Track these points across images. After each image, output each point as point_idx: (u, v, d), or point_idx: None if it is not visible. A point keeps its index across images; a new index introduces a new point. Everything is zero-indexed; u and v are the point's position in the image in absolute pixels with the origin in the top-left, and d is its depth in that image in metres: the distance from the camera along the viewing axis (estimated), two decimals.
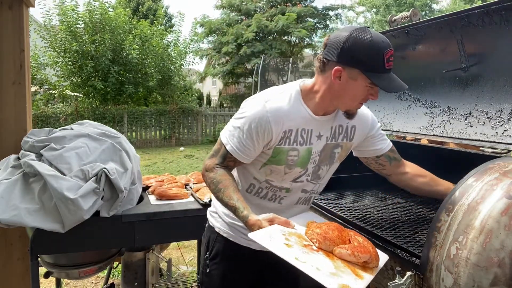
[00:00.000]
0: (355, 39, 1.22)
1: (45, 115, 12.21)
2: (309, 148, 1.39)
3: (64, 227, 1.90)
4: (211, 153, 1.44)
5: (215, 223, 1.56)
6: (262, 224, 1.24)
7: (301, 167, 1.41)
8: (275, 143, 1.35)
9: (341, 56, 1.24)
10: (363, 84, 1.26)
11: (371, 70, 1.23)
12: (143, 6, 22.56)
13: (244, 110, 1.37)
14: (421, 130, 2.09)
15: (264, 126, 1.31)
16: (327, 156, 1.46)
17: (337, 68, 1.25)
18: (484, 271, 1.05)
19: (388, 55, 1.24)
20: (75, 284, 3.27)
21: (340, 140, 1.46)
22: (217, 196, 1.38)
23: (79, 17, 12.59)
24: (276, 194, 1.47)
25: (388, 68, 1.25)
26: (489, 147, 1.65)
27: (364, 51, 1.22)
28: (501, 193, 1.10)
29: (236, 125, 1.37)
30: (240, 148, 1.36)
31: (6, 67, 2.39)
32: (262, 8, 19.38)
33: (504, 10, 1.55)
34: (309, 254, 1.16)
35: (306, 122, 1.37)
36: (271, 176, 1.43)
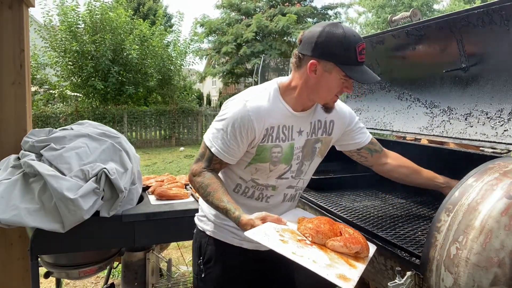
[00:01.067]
0: (328, 33, 1.28)
1: (45, 115, 12.22)
2: (291, 144, 1.43)
3: (64, 227, 1.90)
4: (197, 158, 1.46)
5: (205, 226, 1.56)
6: (255, 223, 1.27)
7: (286, 164, 1.44)
8: (258, 141, 1.38)
9: (315, 50, 1.29)
10: (338, 77, 1.31)
11: (345, 62, 1.28)
12: (144, 6, 22.58)
13: (225, 111, 1.39)
14: (421, 130, 2.09)
15: (247, 125, 1.34)
16: (309, 152, 1.49)
17: (312, 61, 1.30)
18: (484, 271, 1.05)
19: (360, 49, 1.29)
20: (75, 284, 3.27)
21: (320, 135, 1.50)
22: (207, 200, 1.39)
23: (80, 17, 12.59)
24: (263, 193, 1.49)
25: (360, 61, 1.30)
26: (489, 147, 1.65)
27: (337, 45, 1.27)
28: (501, 193, 1.10)
29: (218, 127, 1.39)
30: (225, 149, 1.38)
31: (6, 67, 2.39)
32: (262, 8, 19.39)
33: (504, 10, 1.55)
34: (304, 248, 1.20)
35: (286, 118, 1.40)
36: (256, 174, 1.45)
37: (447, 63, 1.93)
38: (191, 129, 14.56)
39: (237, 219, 1.31)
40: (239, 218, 1.31)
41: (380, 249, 1.44)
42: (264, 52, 17.20)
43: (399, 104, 2.34)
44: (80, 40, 12.24)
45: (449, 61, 1.92)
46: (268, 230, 1.23)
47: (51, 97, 13.56)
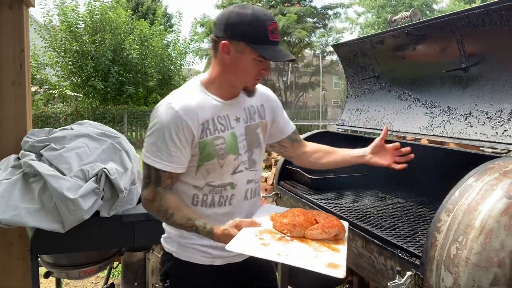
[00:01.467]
0: (238, 13, 1.28)
1: (45, 115, 12.22)
2: (232, 133, 1.39)
3: (64, 227, 1.90)
4: (144, 183, 1.36)
5: (171, 248, 1.46)
6: (231, 232, 1.25)
7: (234, 153, 1.39)
8: (198, 139, 1.33)
9: (226, 30, 1.28)
10: (251, 57, 1.29)
11: (256, 41, 1.27)
12: (143, 6, 22.57)
13: (154, 122, 1.32)
14: (421, 130, 2.09)
15: (181, 126, 1.29)
16: (254, 139, 1.46)
17: (223, 42, 1.28)
18: (484, 271, 1.05)
19: (271, 28, 1.28)
20: (75, 284, 3.27)
21: (257, 120, 1.48)
22: (171, 223, 1.34)
23: (79, 17, 12.60)
24: (223, 195, 1.41)
25: (272, 40, 1.29)
26: (489, 147, 1.65)
27: (246, 23, 1.26)
28: (501, 193, 1.10)
29: (153, 140, 1.31)
30: (170, 159, 1.31)
31: (6, 67, 2.39)
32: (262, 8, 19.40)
33: (504, 10, 1.55)
34: (286, 245, 1.21)
35: (219, 109, 1.37)
36: (209, 177, 1.38)
37: (447, 63, 1.93)
38: None
39: (210, 233, 1.28)
40: (212, 232, 1.28)
41: (380, 249, 1.44)
42: None
43: (399, 104, 2.34)
44: (80, 40, 12.24)
45: (449, 61, 1.92)
46: (247, 237, 1.22)
47: (51, 97, 13.57)
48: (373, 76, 2.56)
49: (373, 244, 1.48)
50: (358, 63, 2.67)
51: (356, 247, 1.61)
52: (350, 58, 2.74)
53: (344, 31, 24.03)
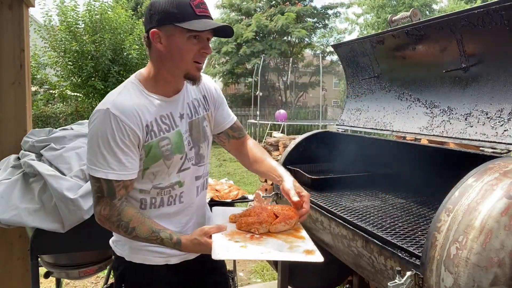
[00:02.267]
0: (156, 0, 1.24)
1: (45, 115, 12.23)
2: (178, 131, 1.35)
3: (64, 227, 1.90)
4: (96, 197, 1.27)
5: (123, 251, 1.41)
6: (201, 240, 1.24)
7: (179, 153, 1.35)
8: (143, 142, 1.27)
9: (151, 19, 1.25)
10: (184, 38, 1.24)
11: (183, 19, 1.22)
12: (142, 6, 22.58)
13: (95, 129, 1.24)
14: (421, 130, 2.09)
15: (124, 130, 1.22)
16: (199, 133, 1.42)
17: (152, 31, 1.24)
18: (484, 271, 1.05)
19: (196, 2, 1.23)
20: (75, 284, 3.27)
21: (202, 113, 1.45)
22: (134, 237, 1.27)
23: (79, 17, 12.60)
24: (171, 195, 1.38)
25: (200, 14, 1.24)
26: (489, 147, 1.65)
27: (168, 4, 1.22)
28: (501, 193, 1.10)
29: (98, 150, 1.23)
30: (121, 167, 1.23)
31: (6, 67, 2.39)
32: (262, 7, 19.41)
33: (504, 10, 1.55)
34: (260, 243, 1.26)
35: (161, 108, 1.32)
36: (156, 179, 1.34)
37: (447, 63, 1.93)
38: None
39: (178, 244, 1.25)
40: (179, 242, 1.25)
41: (380, 249, 1.44)
42: (264, 52, 17.22)
43: (399, 104, 2.34)
44: (80, 40, 12.24)
45: (449, 61, 1.92)
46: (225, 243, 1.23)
47: (51, 97, 13.56)
48: (373, 76, 2.56)
49: (373, 244, 1.48)
50: (358, 63, 2.67)
51: (356, 247, 1.61)
52: (350, 58, 2.74)
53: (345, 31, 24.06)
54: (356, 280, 2.73)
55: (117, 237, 1.44)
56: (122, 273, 1.42)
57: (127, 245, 1.40)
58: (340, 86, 26.52)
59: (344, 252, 1.73)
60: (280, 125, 13.86)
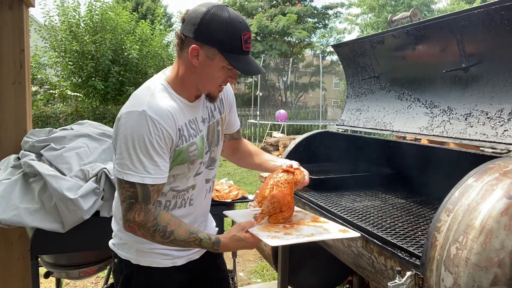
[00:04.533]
0: (213, 16, 1.19)
1: (45, 115, 12.21)
2: (202, 136, 1.36)
3: (64, 227, 1.90)
4: (128, 202, 1.21)
5: (128, 254, 1.39)
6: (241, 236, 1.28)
7: (201, 158, 1.37)
8: (175, 146, 1.26)
9: (198, 33, 1.20)
10: (221, 65, 1.24)
11: (229, 50, 1.21)
12: (142, 6, 22.56)
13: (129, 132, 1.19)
14: (421, 130, 2.09)
15: (163, 135, 1.21)
16: (214, 137, 1.43)
17: (194, 46, 1.21)
18: (484, 271, 1.05)
19: (245, 37, 1.22)
20: (75, 284, 3.27)
21: (217, 116, 1.45)
22: (171, 241, 1.25)
23: (80, 17, 12.59)
24: (184, 198, 1.38)
25: (245, 50, 1.24)
26: (489, 147, 1.65)
27: (222, 30, 1.19)
28: (501, 193, 1.10)
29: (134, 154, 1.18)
30: (157, 172, 1.21)
31: (6, 67, 2.39)
32: (263, 7, 19.41)
33: (504, 10, 1.55)
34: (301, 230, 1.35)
35: (188, 112, 1.32)
36: (175, 182, 1.34)
37: (447, 63, 1.93)
38: None
39: (217, 243, 1.27)
40: (218, 242, 1.27)
41: (380, 249, 1.44)
42: (265, 52, 17.22)
43: (399, 104, 2.34)
44: (80, 40, 12.23)
45: (449, 61, 1.92)
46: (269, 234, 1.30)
47: (51, 97, 13.56)
48: (373, 76, 2.56)
49: (373, 244, 1.48)
50: (358, 63, 2.67)
51: (356, 247, 1.61)
52: (350, 58, 2.74)
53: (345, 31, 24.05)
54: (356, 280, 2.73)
55: (121, 240, 1.41)
56: (128, 276, 1.39)
57: (134, 248, 1.37)
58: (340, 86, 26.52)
59: (344, 252, 1.73)
60: (280, 125, 13.85)
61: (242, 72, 1.24)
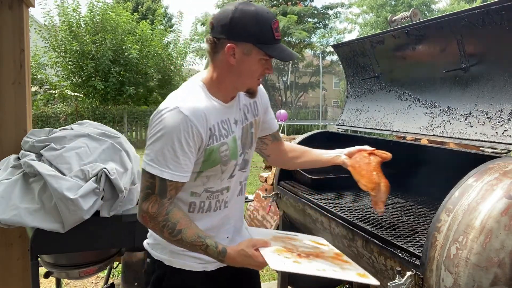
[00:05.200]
0: (242, 12, 1.22)
1: (45, 115, 12.23)
2: (234, 137, 1.36)
3: (64, 227, 1.90)
4: (144, 194, 1.24)
5: (161, 255, 1.39)
6: (249, 252, 1.23)
7: (234, 159, 1.37)
8: (205, 145, 1.27)
9: (231, 31, 1.23)
10: (257, 58, 1.26)
11: (263, 42, 1.24)
12: (143, 6, 22.57)
13: (160, 126, 1.22)
14: (421, 130, 2.09)
15: (191, 132, 1.22)
16: (248, 139, 1.44)
17: (229, 45, 1.23)
18: (484, 271, 1.05)
19: (275, 26, 1.25)
20: (75, 284, 3.27)
21: (250, 119, 1.45)
22: (177, 240, 1.25)
23: (81, 17, 12.60)
24: (219, 199, 1.38)
25: (277, 39, 1.26)
26: (489, 147, 1.65)
27: (252, 23, 1.22)
28: (501, 193, 1.10)
29: (159, 148, 1.21)
30: (177, 169, 1.22)
31: (6, 67, 2.39)
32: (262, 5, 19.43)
33: (504, 10, 1.55)
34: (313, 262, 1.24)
35: (221, 113, 1.33)
36: (208, 183, 1.34)
37: (447, 63, 1.93)
38: None
39: (223, 253, 1.23)
40: (225, 252, 1.23)
41: (380, 249, 1.44)
42: None
43: (399, 104, 2.34)
44: (80, 40, 12.24)
45: (449, 61, 1.92)
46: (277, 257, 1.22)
47: (51, 97, 13.57)
48: (373, 76, 2.56)
49: (373, 244, 1.48)
50: (358, 63, 2.67)
51: (356, 247, 1.61)
52: (350, 58, 2.74)
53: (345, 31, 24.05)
54: None
55: (155, 240, 1.41)
56: (160, 277, 1.39)
57: (167, 249, 1.38)
58: (340, 86, 26.52)
59: (344, 252, 1.73)
60: (280, 125, 13.86)
61: (280, 59, 1.26)
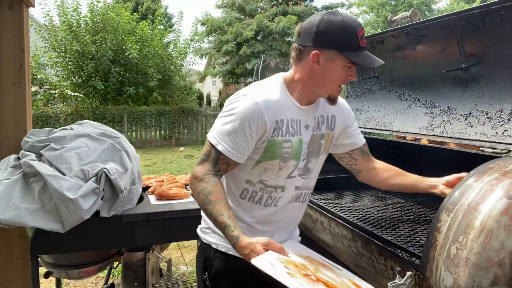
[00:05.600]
0: (328, 21, 1.27)
1: (45, 115, 12.22)
2: (300, 139, 1.38)
3: (64, 227, 1.90)
4: (201, 158, 1.35)
5: (210, 239, 1.46)
6: (256, 248, 1.19)
7: (295, 160, 1.38)
8: (269, 136, 1.32)
9: (316, 39, 1.28)
10: (341, 65, 1.29)
11: (347, 49, 1.27)
12: (142, 6, 22.57)
13: (232, 106, 1.32)
14: (421, 130, 2.09)
15: (257, 118, 1.29)
16: (315, 148, 1.45)
17: (314, 52, 1.28)
18: (484, 271, 1.05)
19: (360, 34, 1.28)
20: (75, 284, 3.27)
21: (324, 130, 1.46)
22: (205, 209, 1.30)
23: (81, 17, 12.60)
24: (271, 195, 1.41)
25: (362, 46, 1.29)
26: (489, 147, 1.65)
27: (338, 31, 1.26)
28: (501, 193, 1.10)
29: (225, 122, 1.32)
30: (233, 146, 1.30)
31: (6, 67, 2.39)
32: (263, 7, 19.41)
33: (504, 10, 1.55)
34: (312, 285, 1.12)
35: (294, 112, 1.37)
36: (265, 175, 1.38)
37: (447, 63, 1.93)
38: (191, 129, 14.56)
39: (235, 239, 1.23)
40: (237, 238, 1.23)
41: (380, 249, 1.44)
42: (264, 52, 17.21)
43: (399, 104, 2.34)
44: (81, 40, 12.23)
45: (449, 61, 1.92)
46: (273, 260, 1.16)
47: (51, 97, 13.56)
48: (373, 76, 2.56)
49: (373, 244, 1.48)
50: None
51: (356, 247, 1.61)
52: None
53: None
54: None
55: (207, 224, 1.48)
56: (208, 260, 1.46)
57: (216, 234, 1.43)
58: None
59: (344, 252, 1.73)
60: None
61: (364, 65, 1.30)
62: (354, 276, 1.29)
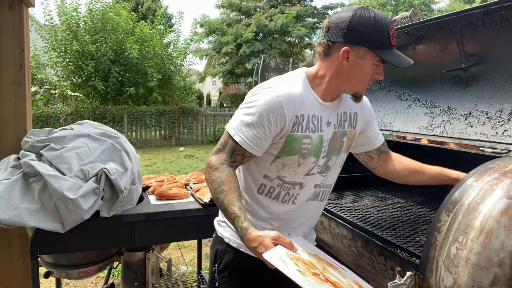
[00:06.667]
0: (361, 17, 1.23)
1: (45, 115, 12.22)
2: (320, 136, 1.35)
3: (64, 227, 1.90)
4: (217, 148, 1.34)
5: (224, 233, 1.46)
6: (265, 241, 1.16)
7: (315, 157, 1.35)
8: (288, 130, 1.30)
9: (348, 35, 1.24)
10: (370, 63, 1.26)
11: (379, 46, 1.24)
12: (143, 6, 22.57)
13: (253, 98, 1.31)
14: (421, 130, 2.09)
15: (277, 112, 1.27)
16: (336, 145, 1.42)
17: (345, 48, 1.25)
18: (484, 271, 1.05)
19: (392, 31, 1.25)
20: (75, 284, 3.27)
21: (346, 128, 1.43)
22: (217, 198, 1.29)
23: (81, 17, 12.60)
24: (289, 192, 1.38)
25: (393, 44, 1.27)
26: (489, 147, 1.65)
27: (370, 28, 1.23)
28: (501, 193, 1.10)
29: (245, 113, 1.30)
30: (250, 138, 1.28)
31: (6, 67, 2.39)
32: (262, 7, 19.41)
33: (504, 10, 1.55)
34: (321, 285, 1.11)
35: (315, 108, 1.34)
36: (283, 171, 1.36)
37: (447, 63, 1.93)
38: (191, 129, 14.56)
39: (244, 230, 1.21)
40: (246, 230, 1.21)
41: (380, 249, 1.44)
42: (264, 51, 17.21)
43: (399, 104, 2.34)
44: (80, 40, 12.23)
45: (449, 61, 1.92)
46: (284, 256, 1.14)
47: (51, 97, 13.56)
48: None
49: (373, 244, 1.48)
50: None
51: (356, 247, 1.61)
52: None
53: None
54: None
55: (221, 217, 1.48)
56: (219, 252, 1.46)
57: (229, 228, 1.43)
58: None
59: (344, 252, 1.73)
60: None
61: (395, 65, 1.25)
62: (359, 278, 1.28)
